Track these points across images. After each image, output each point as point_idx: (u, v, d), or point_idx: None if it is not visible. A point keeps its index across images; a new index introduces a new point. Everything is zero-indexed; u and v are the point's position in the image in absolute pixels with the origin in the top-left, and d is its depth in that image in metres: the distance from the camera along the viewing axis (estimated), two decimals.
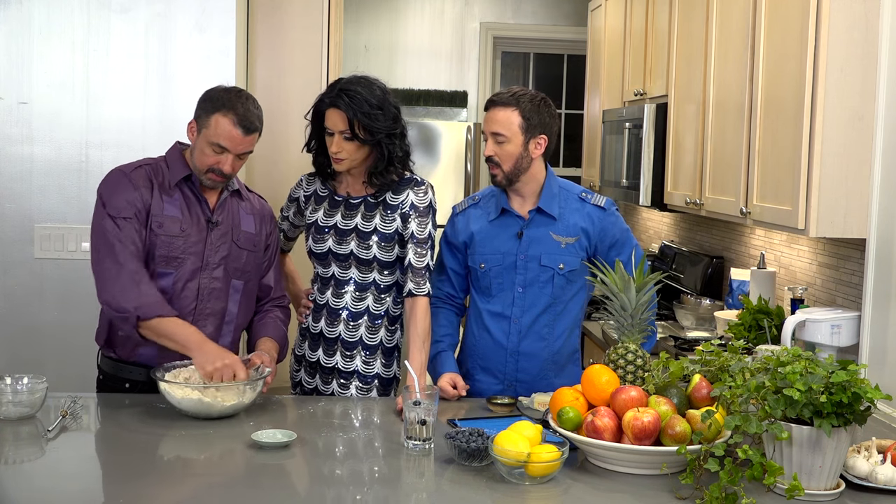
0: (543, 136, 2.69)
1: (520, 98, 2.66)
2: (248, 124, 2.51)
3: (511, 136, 2.65)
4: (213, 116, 2.50)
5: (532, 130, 2.66)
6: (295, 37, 3.87)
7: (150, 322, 2.43)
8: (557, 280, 2.72)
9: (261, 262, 2.72)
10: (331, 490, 1.98)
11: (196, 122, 2.55)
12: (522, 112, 2.65)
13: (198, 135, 2.54)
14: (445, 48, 6.59)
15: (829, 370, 1.86)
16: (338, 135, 2.63)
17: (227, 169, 2.54)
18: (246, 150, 2.55)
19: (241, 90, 2.58)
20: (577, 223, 2.73)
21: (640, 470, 2.05)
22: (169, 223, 2.55)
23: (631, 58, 4.68)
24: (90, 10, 3.38)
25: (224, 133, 2.49)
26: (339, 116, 2.62)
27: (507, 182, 2.71)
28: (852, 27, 2.77)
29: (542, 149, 2.70)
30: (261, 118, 2.56)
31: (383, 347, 2.79)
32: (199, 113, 2.55)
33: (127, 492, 1.94)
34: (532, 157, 2.69)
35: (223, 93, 2.54)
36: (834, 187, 2.82)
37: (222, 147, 2.50)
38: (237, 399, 2.38)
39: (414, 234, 2.71)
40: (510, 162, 2.67)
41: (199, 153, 2.54)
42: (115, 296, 2.45)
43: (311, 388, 2.82)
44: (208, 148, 2.51)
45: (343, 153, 2.64)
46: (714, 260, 4.19)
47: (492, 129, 2.67)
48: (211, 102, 2.53)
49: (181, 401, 2.34)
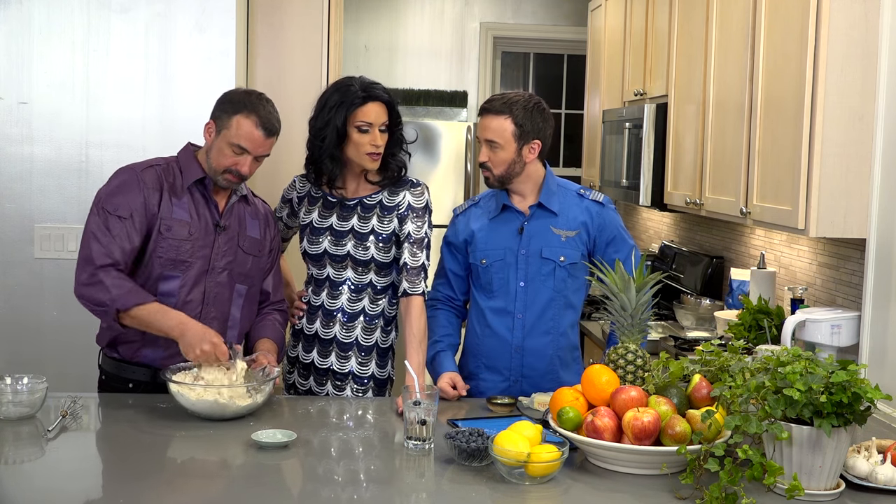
0: (537, 141, 2.70)
1: (513, 105, 2.67)
2: (270, 126, 2.52)
3: (504, 144, 2.67)
4: (234, 118, 2.50)
5: (525, 137, 2.68)
6: (295, 37, 3.87)
7: (130, 312, 2.44)
8: (559, 273, 2.73)
9: (264, 267, 2.72)
10: (330, 490, 1.98)
11: (215, 122, 2.55)
12: (515, 119, 2.66)
13: (216, 135, 2.54)
14: (445, 48, 6.59)
15: (829, 370, 1.86)
16: (377, 128, 2.64)
17: (245, 170, 2.54)
18: (264, 153, 2.56)
19: (261, 94, 2.58)
20: (578, 217, 2.75)
21: (640, 470, 2.05)
22: (178, 227, 2.54)
23: (631, 58, 4.68)
24: (90, 10, 3.38)
25: (245, 134, 2.50)
26: (381, 108, 2.64)
27: (498, 184, 2.74)
28: (852, 27, 2.77)
29: (536, 153, 2.72)
30: (279, 121, 2.57)
31: (378, 348, 2.79)
32: (218, 114, 2.55)
33: (127, 492, 1.94)
34: (525, 162, 2.71)
35: (244, 95, 2.55)
36: (834, 187, 2.82)
37: (242, 148, 2.51)
38: (251, 400, 2.38)
39: (410, 233, 2.71)
40: (502, 167, 2.70)
41: (217, 153, 2.54)
42: (87, 289, 2.45)
43: (304, 389, 2.82)
44: (228, 149, 2.51)
45: (382, 147, 2.67)
46: (714, 260, 4.19)
47: (485, 137, 2.69)
48: (232, 104, 2.53)
49: (195, 402, 2.33)
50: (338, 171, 2.71)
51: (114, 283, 2.44)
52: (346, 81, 2.69)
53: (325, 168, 2.71)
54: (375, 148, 2.65)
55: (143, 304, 2.44)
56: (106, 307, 2.43)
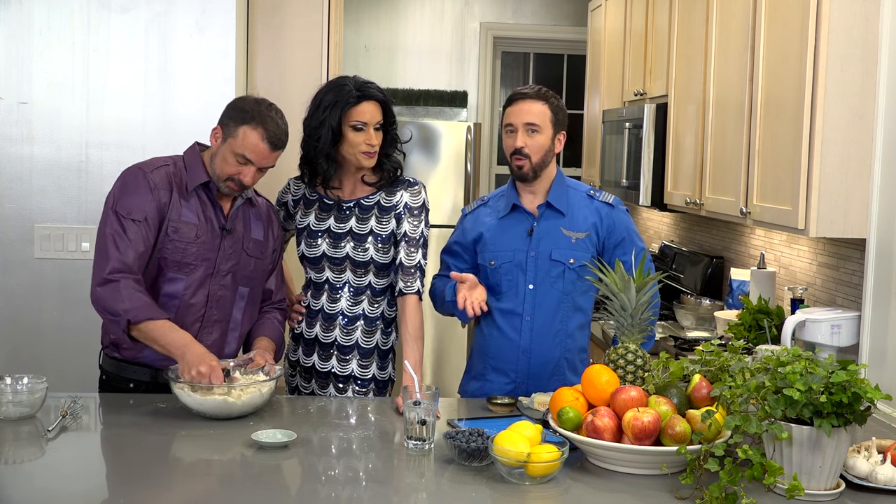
0: (564, 133, 2.76)
1: (546, 94, 2.73)
2: (277, 140, 2.49)
3: (544, 128, 2.69)
4: (241, 128, 2.48)
5: (558, 126, 2.74)
6: (295, 37, 3.87)
7: (140, 325, 2.42)
8: (568, 275, 2.72)
9: (266, 268, 2.72)
10: (330, 490, 1.98)
11: (222, 129, 2.52)
12: (551, 107, 2.72)
13: (222, 142, 2.51)
14: (445, 48, 6.58)
15: (829, 370, 1.86)
16: (371, 127, 2.64)
17: (248, 180, 2.52)
18: (269, 165, 2.53)
19: (272, 104, 2.55)
20: (588, 218, 2.75)
21: (640, 470, 2.05)
22: (185, 229, 2.53)
23: (631, 58, 4.68)
24: (90, 10, 3.38)
25: (251, 146, 2.47)
26: (375, 107, 2.65)
27: (532, 175, 2.72)
28: (852, 27, 2.77)
29: (561, 145, 2.76)
30: (287, 133, 2.54)
31: (379, 350, 2.79)
32: (226, 121, 2.52)
33: (127, 491, 1.94)
34: (554, 153, 2.74)
35: (254, 104, 2.51)
36: (834, 187, 2.82)
37: (247, 159, 2.48)
38: (257, 399, 2.38)
39: (406, 233, 2.71)
40: (540, 153, 2.70)
41: (220, 161, 2.52)
42: (104, 297, 2.44)
43: (307, 392, 2.83)
44: (232, 157, 2.49)
45: (378, 145, 2.67)
46: (714, 260, 4.19)
47: (525, 120, 2.69)
48: (240, 113, 2.50)
49: (204, 401, 2.33)
50: (333, 171, 2.71)
51: (130, 295, 2.42)
52: (340, 81, 2.69)
53: (321, 168, 2.70)
54: (371, 147, 2.65)
55: (155, 319, 2.42)
56: (119, 317, 2.41)
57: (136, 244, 2.47)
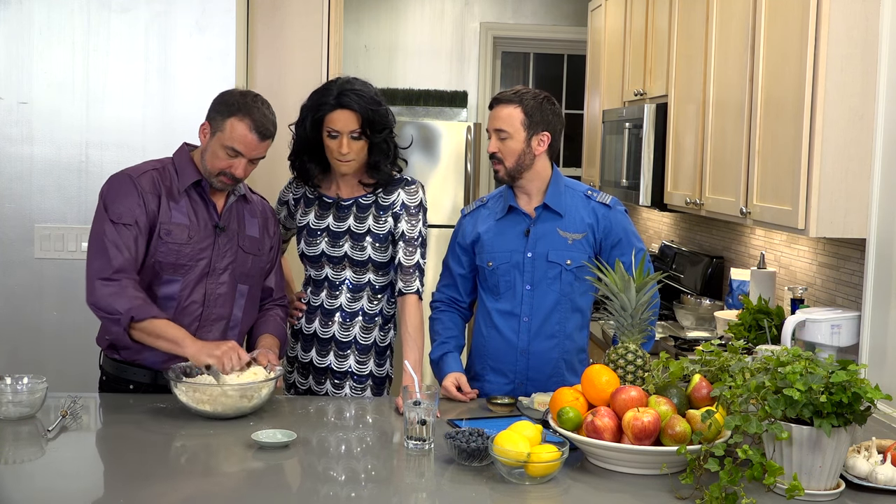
0: (546, 133, 2.70)
1: (522, 95, 2.69)
2: (264, 130, 2.51)
3: (513, 133, 2.67)
4: (228, 120, 2.49)
5: (534, 127, 2.68)
6: (295, 37, 3.87)
7: (143, 323, 2.42)
8: (565, 276, 2.72)
9: (264, 266, 2.72)
10: (330, 490, 1.98)
11: (210, 124, 2.54)
12: (525, 109, 2.67)
13: (211, 137, 2.52)
14: (445, 48, 6.59)
15: (829, 370, 1.86)
16: (346, 136, 2.63)
17: (240, 173, 2.53)
18: (259, 156, 2.55)
19: (257, 94, 2.57)
20: (584, 219, 2.74)
21: (640, 470, 2.05)
22: (177, 231, 2.53)
23: (631, 58, 4.68)
24: (90, 10, 3.38)
25: (239, 138, 2.48)
26: (350, 116, 2.62)
27: (509, 178, 2.72)
28: (852, 27, 2.77)
29: (545, 146, 2.71)
30: (275, 123, 2.56)
31: (376, 347, 2.80)
32: (213, 115, 2.53)
33: (127, 492, 1.94)
34: (535, 154, 2.70)
35: (239, 97, 2.53)
36: (834, 187, 2.82)
37: (236, 151, 2.49)
38: (257, 398, 2.38)
39: (404, 232, 2.72)
40: (512, 158, 2.68)
41: (211, 156, 2.53)
42: (104, 298, 2.43)
43: (304, 388, 2.83)
44: (222, 151, 2.50)
45: (351, 154, 2.65)
46: (714, 260, 4.19)
47: (494, 126, 2.69)
48: (226, 106, 2.51)
49: (204, 402, 2.33)
50: (316, 171, 2.74)
51: (131, 295, 2.43)
52: (327, 85, 2.71)
53: (311, 169, 2.74)
54: (342, 155, 2.65)
55: (157, 317, 2.43)
56: (120, 316, 2.41)
57: (130, 249, 2.48)
